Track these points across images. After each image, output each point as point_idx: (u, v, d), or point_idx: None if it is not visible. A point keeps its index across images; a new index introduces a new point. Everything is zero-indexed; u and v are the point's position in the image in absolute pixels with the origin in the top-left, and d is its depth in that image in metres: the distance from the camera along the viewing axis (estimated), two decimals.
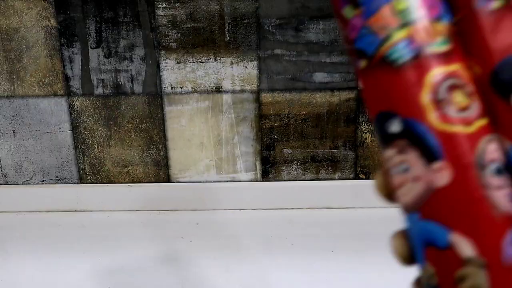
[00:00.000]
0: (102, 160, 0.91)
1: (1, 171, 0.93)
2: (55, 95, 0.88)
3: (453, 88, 0.24)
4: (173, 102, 0.87)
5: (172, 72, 0.86)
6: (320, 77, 0.86)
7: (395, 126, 0.25)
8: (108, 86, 0.87)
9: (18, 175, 0.93)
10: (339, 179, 0.91)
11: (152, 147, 0.90)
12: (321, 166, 0.91)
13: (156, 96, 0.87)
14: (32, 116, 0.89)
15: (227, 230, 0.85)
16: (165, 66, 0.85)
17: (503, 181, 0.24)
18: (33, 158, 0.91)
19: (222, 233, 0.84)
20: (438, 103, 0.24)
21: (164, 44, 0.84)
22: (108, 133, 0.89)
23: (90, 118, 0.89)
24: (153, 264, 0.76)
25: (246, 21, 0.84)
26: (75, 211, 0.92)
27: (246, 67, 0.85)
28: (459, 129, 0.24)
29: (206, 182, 0.92)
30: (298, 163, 0.90)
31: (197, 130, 0.89)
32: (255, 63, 0.85)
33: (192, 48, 0.85)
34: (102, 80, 0.87)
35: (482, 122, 0.24)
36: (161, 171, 0.92)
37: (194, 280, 0.72)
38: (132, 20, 0.84)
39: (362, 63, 0.25)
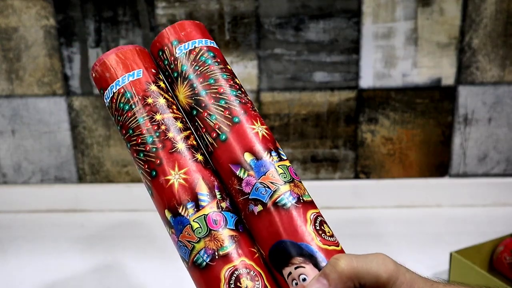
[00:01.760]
0: (101, 159, 0.91)
1: (0, 171, 0.92)
2: (54, 94, 0.88)
3: (240, 276, 0.35)
4: None
5: None
6: (320, 76, 0.86)
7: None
8: None
9: (17, 175, 0.92)
10: (339, 179, 0.91)
11: None
12: (321, 166, 0.90)
13: None
14: (31, 115, 0.89)
15: None
16: None
17: None
18: (32, 158, 0.91)
19: None
20: None
21: None
22: (107, 133, 0.89)
23: (89, 118, 0.88)
24: (152, 264, 0.76)
25: (246, 20, 0.83)
26: (74, 211, 0.92)
27: (246, 66, 0.85)
28: None
29: None
30: (298, 163, 0.90)
31: None
32: (255, 62, 0.85)
33: None
34: None
35: None
36: None
37: None
38: (131, 19, 0.83)
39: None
